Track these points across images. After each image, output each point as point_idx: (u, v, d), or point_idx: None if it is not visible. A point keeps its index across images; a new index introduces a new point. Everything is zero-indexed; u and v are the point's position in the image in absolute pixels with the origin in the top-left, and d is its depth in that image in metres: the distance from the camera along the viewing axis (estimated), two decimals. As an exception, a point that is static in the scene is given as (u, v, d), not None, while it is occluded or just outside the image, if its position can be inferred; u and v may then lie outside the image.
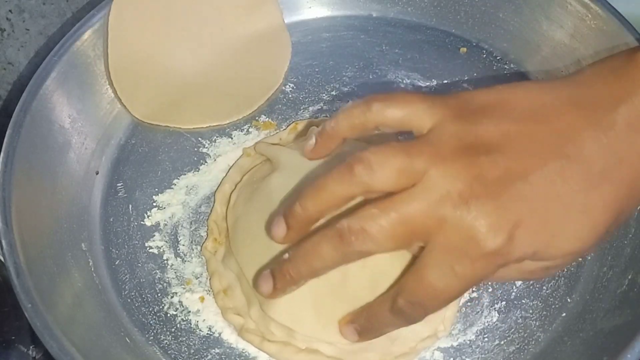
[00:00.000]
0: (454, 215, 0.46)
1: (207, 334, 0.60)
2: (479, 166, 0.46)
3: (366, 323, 0.54)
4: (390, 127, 0.51)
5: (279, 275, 0.52)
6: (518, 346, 0.58)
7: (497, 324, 0.59)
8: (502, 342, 0.59)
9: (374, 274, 0.57)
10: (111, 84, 0.69)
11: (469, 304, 0.60)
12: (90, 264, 0.62)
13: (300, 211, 0.50)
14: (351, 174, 0.48)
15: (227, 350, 0.59)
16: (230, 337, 0.59)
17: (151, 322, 0.60)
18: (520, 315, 0.60)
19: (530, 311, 0.60)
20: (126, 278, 0.62)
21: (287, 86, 0.72)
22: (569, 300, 0.60)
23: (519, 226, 0.46)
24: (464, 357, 0.58)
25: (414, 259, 0.58)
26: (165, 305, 0.61)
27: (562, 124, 0.48)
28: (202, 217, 0.65)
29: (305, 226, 0.51)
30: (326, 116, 0.70)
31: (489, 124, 0.48)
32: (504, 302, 0.60)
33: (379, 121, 0.51)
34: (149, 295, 0.61)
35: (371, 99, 0.51)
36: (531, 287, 0.61)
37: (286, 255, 0.52)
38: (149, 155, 0.68)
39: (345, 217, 0.48)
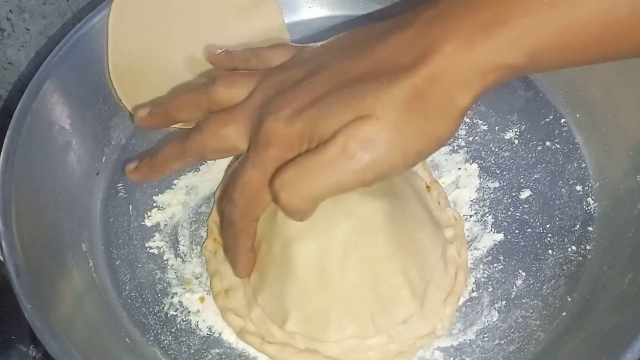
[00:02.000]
0: (258, 116, 0.53)
1: (207, 334, 0.60)
2: (285, 75, 0.55)
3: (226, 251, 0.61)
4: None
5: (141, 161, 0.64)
6: (518, 346, 0.58)
7: (497, 324, 0.59)
8: (502, 342, 0.59)
9: (372, 269, 0.57)
10: (111, 84, 0.69)
11: (468, 303, 0.60)
12: (91, 264, 0.62)
13: (165, 104, 0.63)
14: (204, 87, 0.59)
15: (227, 350, 0.59)
16: (230, 337, 0.59)
17: (151, 322, 0.60)
18: (520, 314, 0.60)
19: (531, 310, 0.60)
20: (126, 278, 0.62)
21: (287, 86, 0.72)
22: (569, 299, 0.60)
23: (298, 111, 0.50)
24: (464, 357, 0.58)
25: (413, 255, 0.58)
26: (165, 305, 0.61)
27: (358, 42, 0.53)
28: (202, 217, 0.65)
29: (163, 117, 0.64)
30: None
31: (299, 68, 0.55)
32: (504, 302, 0.60)
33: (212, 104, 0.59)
34: (149, 296, 0.62)
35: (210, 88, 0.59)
36: (531, 287, 0.61)
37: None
38: (149, 155, 0.68)
39: None
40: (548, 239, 0.63)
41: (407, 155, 0.48)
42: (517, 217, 0.64)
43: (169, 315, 0.61)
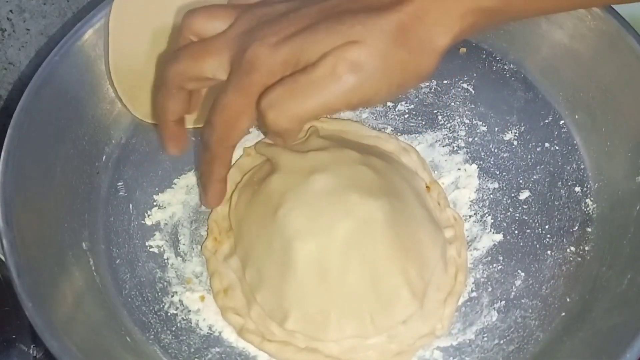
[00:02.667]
0: (241, 44, 0.52)
1: (208, 333, 0.60)
2: (269, 9, 0.54)
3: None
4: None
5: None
6: (517, 345, 0.58)
7: (496, 324, 0.59)
8: (502, 342, 0.59)
9: (372, 269, 0.57)
10: (112, 83, 0.69)
11: (468, 303, 0.60)
12: (91, 263, 0.62)
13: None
14: (184, 21, 0.58)
15: (227, 349, 0.59)
16: (230, 336, 0.60)
17: (151, 321, 0.60)
18: (519, 314, 0.60)
19: (530, 311, 0.60)
20: (127, 277, 0.62)
21: (288, 86, 0.72)
22: (568, 299, 0.60)
23: (285, 39, 0.50)
24: (463, 357, 0.58)
25: (413, 255, 0.58)
26: (165, 304, 0.61)
27: None
28: (202, 216, 0.65)
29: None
30: (326, 116, 0.70)
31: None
32: (503, 302, 0.60)
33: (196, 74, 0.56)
34: (149, 295, 0.62)
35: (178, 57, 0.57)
36: (531, 287, 0.61)
37: None
38: (149, 154, 0.69)
39: None
40: (547, 239, 0.63)
41: (391, 85, 0.50)
42: (517, 218, 0.64)
43: (169, 314, 0.61)
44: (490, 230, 0.64)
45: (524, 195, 0.65)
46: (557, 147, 0.68)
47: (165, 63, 0.58)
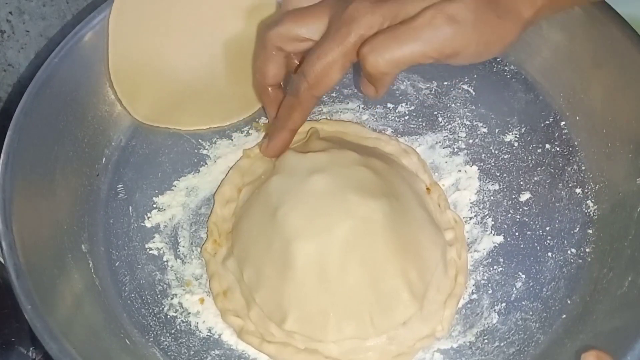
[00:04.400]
0: (341, 5, 0.56)
1: (207, 335, 0.60)
2: None
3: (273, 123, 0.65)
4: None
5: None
6: (518, 348, 0.58)
7: (497, 326, 0.59)
8: (502, 344, 0.59)
9: (372, 270, 0.57)
10: (111, 85, 0.69)
11: (468, 305, 0.60)
12: (91, 265, 0.62)
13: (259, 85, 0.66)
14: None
15: (227, 351, 0.59)
16: (230, 338, 0.59)
17: (151, 323, 0.60)
18: (520, 317, 0.60)
19: (531, 313, 0.60)
20: (126, 279, 0.62)
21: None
22: (569, 302, 0.60)
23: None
24: (463, 359, 0.58)
25: (413, 256, 0.58)
26: (165, 306, 0.61)
27: None
28: (202, 218, 0.65)
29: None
30: (326, 118, 0.70)
31: None
32: (504, 304, 0.60)
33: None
34: (148, 297, 0.62)
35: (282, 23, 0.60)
36: (531, 289, 0.61)
37: None
38: (149, 157, 0.69)
39: None
40: (548, 241, 0.63)
41: (479, 42, 0.54)
42: (517, 220, 0.64)
43: (168, 316, 0.61)
44: (491, 232, 0.64)
45: (525, 196, 0.65)
46: (557, 149, 0.67)
47: (266, 26, 0.61)
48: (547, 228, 0.64)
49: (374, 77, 0.56)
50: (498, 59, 0.72)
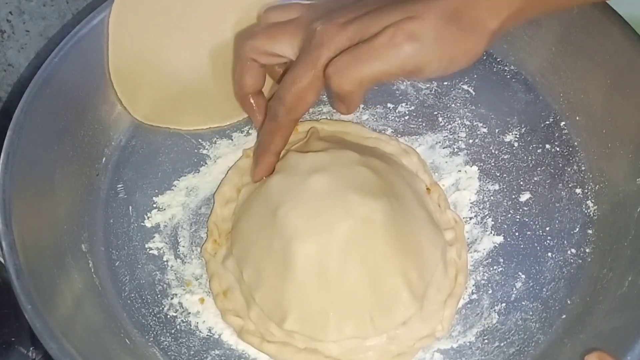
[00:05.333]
0: (312, 27, 0.58)
1: (207, 335, 0.60)
2: (335, 2, 0.59)
3: (256, 148, 0.66)
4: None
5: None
6: (518, 348, 0.58)
7: (497, 326, 0.59)
8: (502, 344, 0.59)
9: (372, 270, 0.57)
10: (112, 85, 0.69)
11: (468, 305, 0.60)
12: (90, 265, 0.62)
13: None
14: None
15: (227, 351, 0.59)
16: (230, 338, 0.59)
17: (151, 323, 0.60)
18: (520, 317, 0.60)
19: (530, 313, 0.60)
20: (126, 279, 0.62)
21: (287, 88, 0.72)
22: (569, 302, 0.60)
23: (352, 19, 0.56)
24: (463, 359, 0.58)
25: (413, 256, 0.58)
26: (165, 306, 0.61)
27: None
28: (202, 218, 0.65)
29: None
30: (326, 118, 0.70)
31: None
32: (504, 304, 0.60)
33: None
34: (148, 297, 0.62)
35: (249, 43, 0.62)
36: (531, 289, 0.61)
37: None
38: (149, 156, 0.69)
39: None
40: (548, 241, 0.63)
41: (442, 58, 0.54)
42: (517, 220, 0.64)
43: (168, 316, 0.61)
44: (491, 232, 0.64)
45: (525, 197, 0.65)
46: (557, 149, 0.67)
47: (242, 39, 0.63)
48: (547, 228, 0.64)
49: (341, 96, 0.58)
50: (498, 59, 0.72)
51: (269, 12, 0.63)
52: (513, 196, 0.65)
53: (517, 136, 0.68)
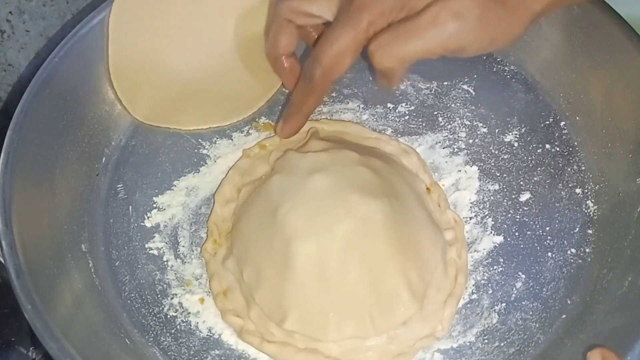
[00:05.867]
0: None
1: (207, 335, 0.60)
2: None
3: (288, 106, 0.66)
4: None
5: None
6: (518, 348, 0.58)
7: (497, 326, 0.59)
8: (502, 344, 0.59)
9: (372, 270, 0.57)
10: (111, 85, 0.69)
11: (468, 305, 0.60)
12: (90, 265, 0.62)
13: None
14: None
15: (227, 351, 0.59)
16: (230, 338, 0.59)
17: (151, 323, 0.60)
18: (520, 317, 0.60)
19: (530, 313, 0.60)
20: (126, 279, 0.62)
21: (287, 88, 0.72)
22: (569, 302, 0.60)
23: None
24: (463, 359, 0.58)
25: (413, 256, 0.58)
26: (165, 306, 0.61)
27: None
28: (202, 218, 0.65)
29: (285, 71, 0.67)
30: (327, 118, 0.70)
31: None
32: (504, 304, 0.60)
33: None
34: (149, 297, 0.62)
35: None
36: (531, 289, 0.61)
37: None
38: (149, 156, 0.68)
39: None
40: (548, 241, 0.63)
41: (484, 37, 0.54)
42: (517, 220, 0.64)
43: (168, 316, 0.61)
44: (491, 232, 0.64)
45: (525, 197, 0.65)
46: (557, 149, 0.67)
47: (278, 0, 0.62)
48: (547, 228, 0.64)
49: (384, 72, 0.57)
50: (498, 59, 0.72)
51: None
52: (513, 196, 0.65)
53: (517, 136, 0.68)
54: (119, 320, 0.60)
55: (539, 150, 0.67)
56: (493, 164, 0.67)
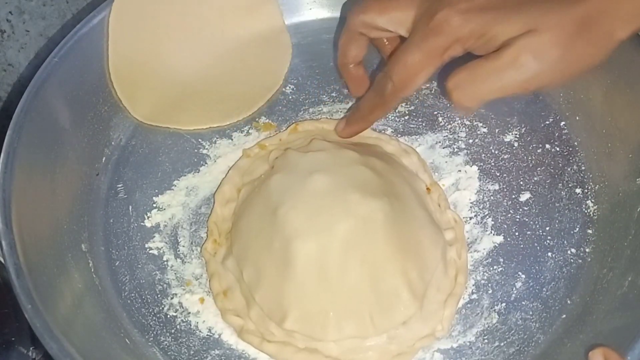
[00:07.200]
0: (429, 5, 0.55)
1: (207, 335, 0.60)
2: None
3: (354, 111, 0.65)
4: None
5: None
6: (518, 348, 0.58)
7: (497, 326, 0.59)
8: (502, 344, 0.59)
9: (372, 269, 0.57)
10: (112, 85, 0.69)
11: (468, 305, 0.60)
12: (90, 265, 0.62)
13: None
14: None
15: (227, 351, 0.59)
16: (230, 338, 0.59)
17: (151, 323, 0.60)
18: (520, 317, 0.60)
19: (530, 313, 0.60)
20: (126, 279, 0.62)
21: (287, 87, 0.72)
22: (569, 302, 0.60)
23: (474, 9, 0.53)
24: (463, 359, 0.58)
25: (413, 256, 0.58)
26: (165, 306, 0.61)
27: None
28: (202, 218, 0.65)
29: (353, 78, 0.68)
30: (327, 117, 0.70)
31: None
32: (504, 304, 0.60)
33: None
34: (148, 297, 0.61)
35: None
36: (531, 289, 0.61)
37: None
38: (149, 156, 0.69)
39: None
40: (548, 241, 0.63)
41: (564, 74, 0.53)
42: (517, 220, 0.64)
43: (168, 316, 0.61)
44: (491, 232, 0.64)
45: (525, 196, 0.65)
46: (557, 149, 0.67)
47: (352, 10, 0.61)
48: (547, 228, 0.64)
49: (460, 109, 0.58)
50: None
51: None
52: (513, 196, 0.65)
53: (517, 136, 0.68)
54: (119, 320, 0.60)
55: (539, 150, 0.67)
56: (493, 164, 0.67)
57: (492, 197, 0.65)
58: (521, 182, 0.66)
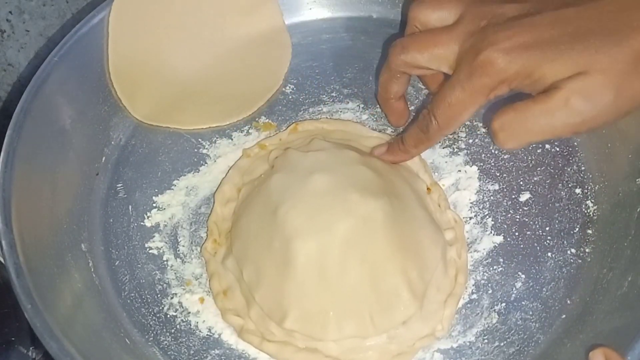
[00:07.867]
0: (472, 43, 0.54)
1: (207, 335, 0.60)
2: (499, 10, 0.54)
3: (398, 141, 0.64)
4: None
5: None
6: (518, 348, 0.58)
7: (497, 326, 0.59)
8: (502, 344, 0.59)
9: (372, 269, 0.57)
10: (111, 85, 0.69)
11: (468, 305, 0.60)
12: (90, 264, 0.62)
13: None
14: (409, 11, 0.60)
15: (227, 351, 0.59)
16: (230, 338, 0.59)
17: (151, 323, 0.60)
18: (520, 317, 0.60)
19: (530, 313, 0.60)
20: (126, 279, 0.62)
21: (287, 87, 0.72)
22: (568, 302, 0.60)
23: (520, 48, 0.51)
24: (463, 359, 0.58)
25: (413, 255, 0.58)
26: (165, 306, 0.61)
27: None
28: (202, 218, 0.65)
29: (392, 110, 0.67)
30: (327, 117, 0.70)
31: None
32: (503, 304, 0.60)
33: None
34: (148, 296, 0.61)
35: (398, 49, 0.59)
36: (531, 289, 0.61)
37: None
38: (149, 156, 0.69)
39: None
40: (547, 241, 0.63)
41: (618, 115, 0.51)
42: (517, 220, 0.64)
43: (168, 315, 0.61)
44: (491, 232, 0.64)
45: (525, 197, 0.65)
46: (557, 149, 0.67)
47: (392, 49, 0.60)
48: (547, 228, 0.64)
49: (504, 148, 0.56)
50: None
51: (420, 10, 0.59)
52: (513, 196, 0.65)
53: (517, 136, 0.68)
54: (119, 319, 0.60)
55: (538, 150, 0.67)
56: (493, 164, 0.67)
57: (492, 197, 0.65)
58: (521, 182, 0.66)
